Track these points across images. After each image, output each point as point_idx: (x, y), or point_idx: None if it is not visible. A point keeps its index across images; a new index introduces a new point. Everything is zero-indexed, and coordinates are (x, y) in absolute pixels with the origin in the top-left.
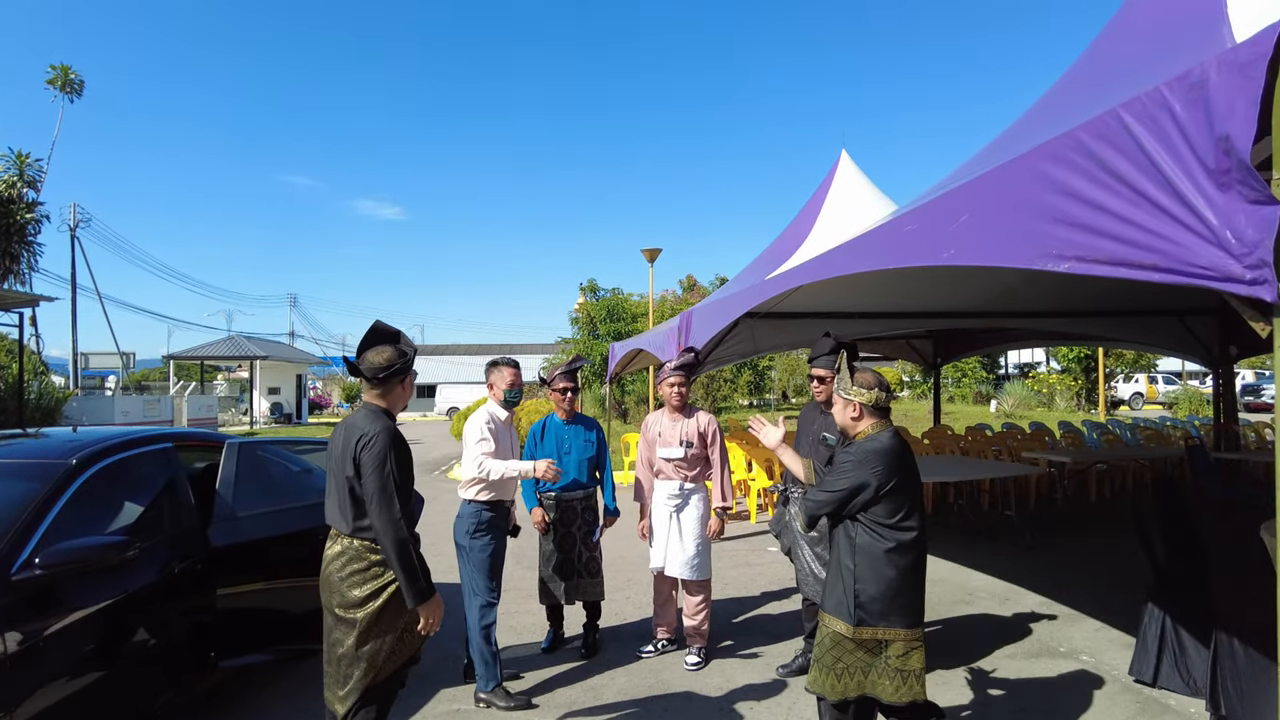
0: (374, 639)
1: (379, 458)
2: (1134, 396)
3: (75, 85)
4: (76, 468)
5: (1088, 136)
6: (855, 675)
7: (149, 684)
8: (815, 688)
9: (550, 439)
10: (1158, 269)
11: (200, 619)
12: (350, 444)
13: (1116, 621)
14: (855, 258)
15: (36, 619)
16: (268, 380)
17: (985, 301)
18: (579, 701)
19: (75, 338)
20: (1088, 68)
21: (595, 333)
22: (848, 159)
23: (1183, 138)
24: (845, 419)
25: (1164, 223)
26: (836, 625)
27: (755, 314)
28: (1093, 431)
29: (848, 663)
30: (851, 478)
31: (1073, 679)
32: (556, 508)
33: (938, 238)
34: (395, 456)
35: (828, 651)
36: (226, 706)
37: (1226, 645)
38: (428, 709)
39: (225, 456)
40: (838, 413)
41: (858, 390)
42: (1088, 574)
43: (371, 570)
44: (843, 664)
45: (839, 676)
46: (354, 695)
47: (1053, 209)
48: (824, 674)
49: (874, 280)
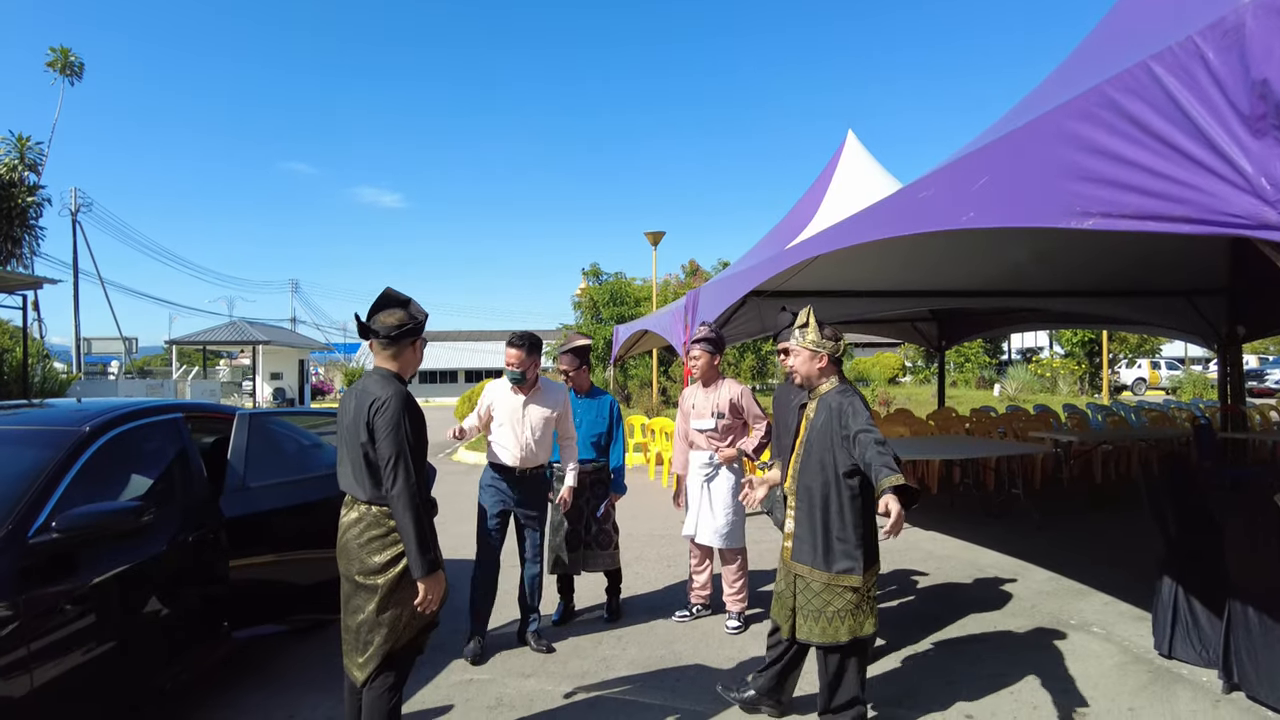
0: (394, 605)
1: (393, 421)
2: (1136, 382)
3: (75, 68)
4: (89, 435)
5: (1115, 91)
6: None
7: (163, 651)
8: (868, 630)
9: None
10: (1188, 220)
11: (213, 589)
12: (363, 409)
13: (1125, 596)
14: (870, 225)
15: (54, 582)
16: (270, 366)
17: (994, 280)
18: (591, 673)
19: (78, 322)
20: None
21: (598, 317)
22: (854, 139)
23: (1216, 85)
24: (811, 370)
25: (1195, 173)
26: (855, 580)
27: (763, 292)
28: (1097, 414)
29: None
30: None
31: (1085, 650)
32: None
33: (956, 201)
34: (410, 421)
35: (867, 598)
36: (234, 679)
37: (1240, 615)
38: (440, 679)
39: (236, 428)
40: (801, 364)
41: (825, 341)
42: (1095, 551)
43: (390, 536)
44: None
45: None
46: (374, 661)
47: (1076, 166)
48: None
49: (882, 257)
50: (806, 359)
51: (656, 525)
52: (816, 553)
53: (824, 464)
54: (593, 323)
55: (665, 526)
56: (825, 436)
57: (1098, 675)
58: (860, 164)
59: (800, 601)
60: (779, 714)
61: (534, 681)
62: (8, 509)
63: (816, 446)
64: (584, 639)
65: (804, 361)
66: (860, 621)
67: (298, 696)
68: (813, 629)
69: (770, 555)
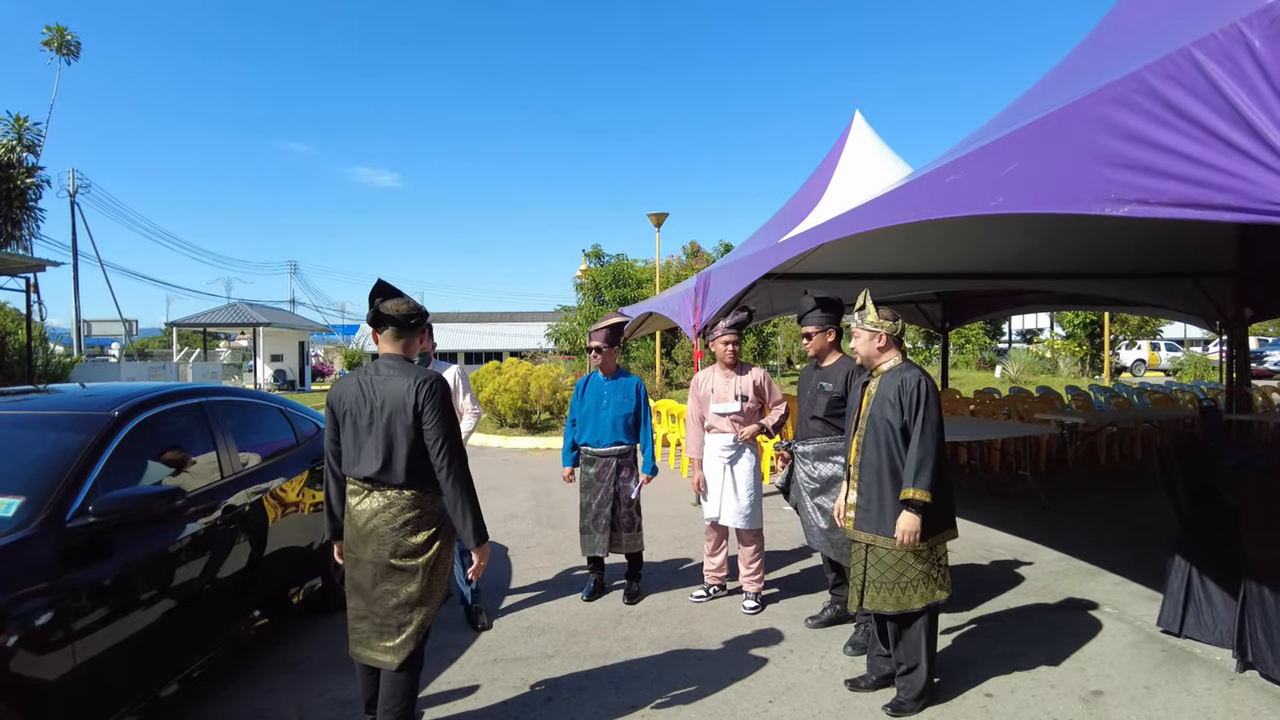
0: (436, 582)
1: (443, 404)
2: (1136, 363)
3: (72, 47)
4: (119, 419)
5: (1154, 77)
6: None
7: (197, 633)
8: (941, 597)
9: (591, 395)
10: (1229, 208)
11: (245, 570)
12: (403, 394)
13: (1136, 576)
14: (894, 210)
15: (92, 566)
16: (270, 348)
17: (1001, 262)
18: (614, 653)
19: (78, 304)
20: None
21: (600, 299)
22: (861, 120)
23: (1261, 73)
24: (871, 349)
25: (1238, 161)
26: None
27: (773, 275)
28: (1100, 395)
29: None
30: (937, 416)
31: (1098, 629)
32: (596, 462)
33: (985, 186)
34: (451, 401)
35: (939, 564)
36: (258, 662)
37: (1256, 594)
38: (465, 659)
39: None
40: (862, 345)
41: (882, 321)
42: (1103, 532)
43: (425, 516)
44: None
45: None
46: (413, 641)
47: (1112, 152)
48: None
49: (893, 240)
50: (866, 339)
51: (666, 507)
52: (882, 519)
53: (888, 438)
54: (594, 304)
55: (675, 508)
56: (887, 409)
57: (1113, 654)
58: (868, 145)
59: (872, 575)
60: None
61: (558, 662)
62: (44, 493)
63: (880, 420)
64: (605, 619)
65: (864, 342)
66: (932, 589)
67: (326, 676)
68: (886, 599)
69: (782, 536)
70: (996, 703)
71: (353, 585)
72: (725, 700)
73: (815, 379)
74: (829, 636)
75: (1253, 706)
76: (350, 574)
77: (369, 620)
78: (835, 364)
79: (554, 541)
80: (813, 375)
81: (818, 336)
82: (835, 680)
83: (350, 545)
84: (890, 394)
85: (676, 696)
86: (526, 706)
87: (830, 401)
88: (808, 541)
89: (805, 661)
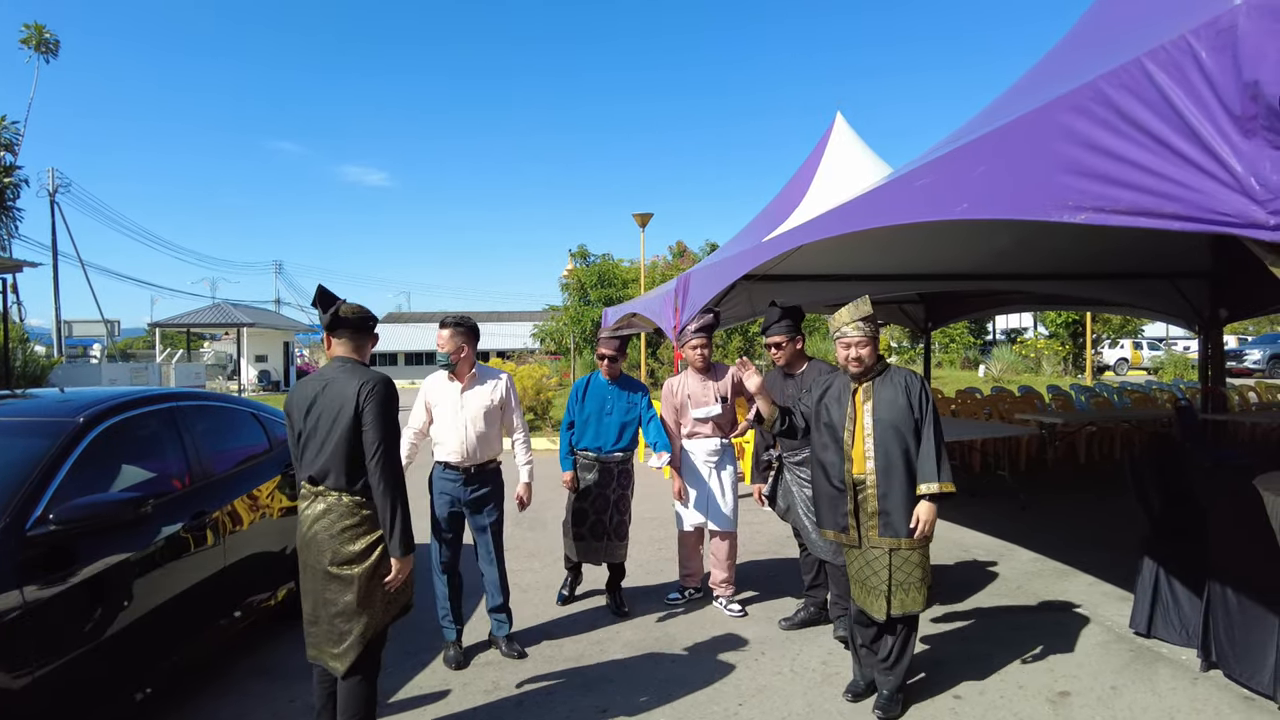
0: (374, 592)
1: (384, 406)
2: (1119, 362)
3: (50, 45)
4: (84, 426)
5: (1109, 86)
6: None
7: (165, 640)
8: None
9: (593, 399)
10: (1179, 217)
11: (216, 576)
12: (347, 396)
13: (1109, 576)
14: (866, 214)
15: (53, 575)
16: (255, 348)
17: (980, 264)
18: (586, 655)
19: (58, 305)
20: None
21: (586, 299)
22: (843, 121)
23: (1208, 85)
24: (873, 355)
25: (1187, 171)
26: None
27: (753, 276)
28: (1080, 395)
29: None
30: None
31: (1068, 629)
32: (595, 468)
33: (952, 191)
34: (394, 406)
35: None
36: (232, 668)
37: (1220, 594)
38: (436, 663)
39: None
40: (871, 354)
41: (878, 326)
42: (1079, 532)
43: (364, 524)
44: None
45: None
46: (355, 650)
47: (1071, 160)
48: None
49: (873, 241)
50: (874, 348)
51: (645, 508)
52: (906, 521)
53: (905, 440)
54: (580, 304)
55: (654, 509)
56: (898, 411)
57: (1081, 654)
58: (849, 146)
59: (899, 577)
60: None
61: (530, 665)
62: (4, 502)
63: (892, 423)
64: (579, 623)
65: (871, 351)
66: (929, 580)
67: (298, 682)
68: (915, 599)
69: (760, 538)
70: (965, 704)
71: (304, 591)
72: (696, 703)
73: (794, 387)
74: (801, 638)
75: (1215, 706)
76: (302, 579)
77: (319, 625)
78: (806, 370)
79: (533, 544)
80: (785, 384)
81: (788, 345)
82: (806, 682)
83: (300, 550)
84: (896, 397)
85: (646, 700)
86: (496, 711)
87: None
88: (810, 549)
89: (777, 664)
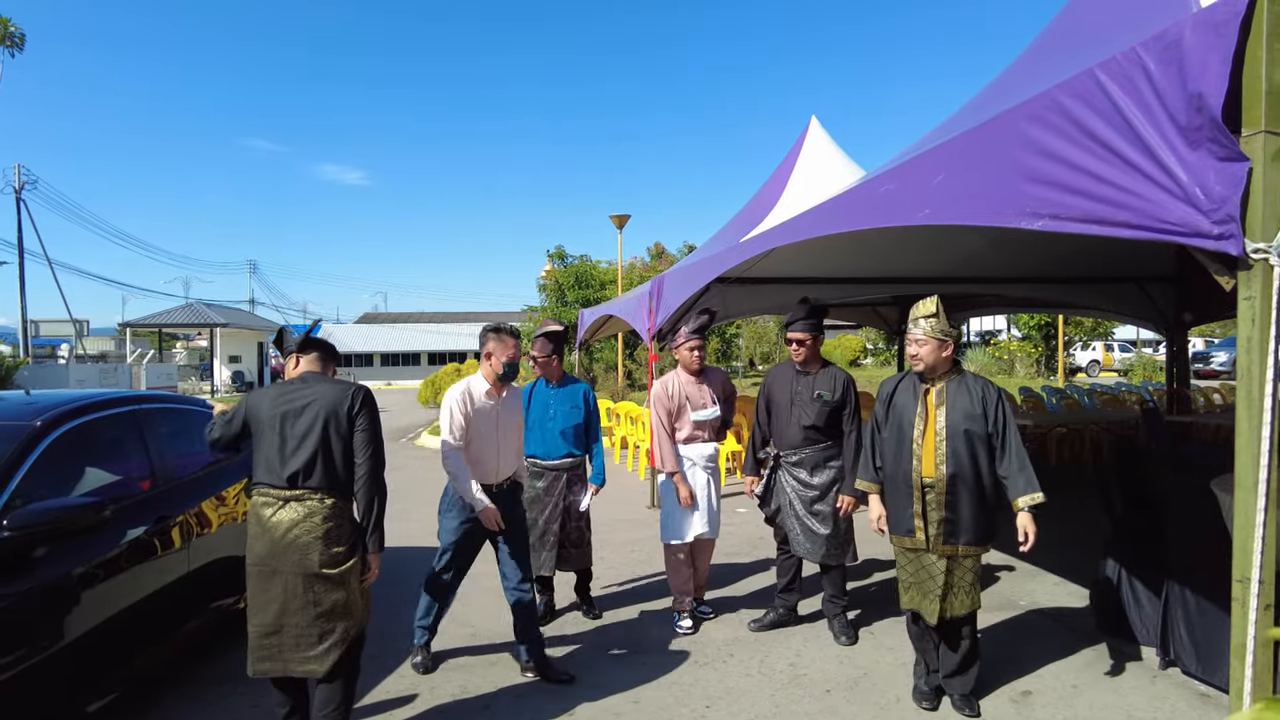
0: (360, 588)
1: (373, 414)
2: (1091, 364)
3: (16, 39)
4: (42, 429)
5: (1064, 96)
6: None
7: (124, 647)
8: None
9: (537, 405)
10: (1129, 225)
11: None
12: (334, 403)
13: (1075, 577)
14: (831, 219)
15: (9, 581)
16: (228, 348)
17: (952, 267)
18: (555, 661)
19: (24, 304)
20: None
21: (564, 300)
22: (817, 125)
23: (1156, 96)
24: (939, 358)
25: (1136, 180)
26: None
27: (726, 279)
28: (1052, 396)
29: None
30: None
31: (1032, 630)
32: (542, 476)
33: (914, 197)
34: (379, 413)
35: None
36: (194, 674)
37: (1178, 594)
38: (404, 668)
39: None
40: (930, 353)
41: (952, 330)
42: (1048, 533)
43: (344, 526)
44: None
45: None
46: (339, 648)
47: (1028, 168)
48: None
49: (844, 245)
50: (935, 348)
51: (621, 511)
52: (973, 529)
53: (977, 448)
54: (558, 305)
55: (630, 511)
56: (974, 420)
57: (1044, 654)
58: (823, 150)
59: (954, 581)
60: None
61: (499, 670)
62: None
63: (965, 429)
64: (550, 626)
65: (932, 350)
66: (979, 580)
67: (260, 688)
68: (967, 602)
69: (733, 539)
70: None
71: (264, 600)
72: (663, 706)
73: (805, 386)
74: (770, 640)
75: (1173, 703)
76: (262, 588)
77: (282, 634)
78: (825, 372)
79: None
80: (797, 381)
81: (811, 343)
82: (774, 683)
83: (264, 558)
84: (969, 404)
85: (614, 703)
86: (464, 714)
87: (830, 411)
88: (793, 549)
89: (745, 665)
